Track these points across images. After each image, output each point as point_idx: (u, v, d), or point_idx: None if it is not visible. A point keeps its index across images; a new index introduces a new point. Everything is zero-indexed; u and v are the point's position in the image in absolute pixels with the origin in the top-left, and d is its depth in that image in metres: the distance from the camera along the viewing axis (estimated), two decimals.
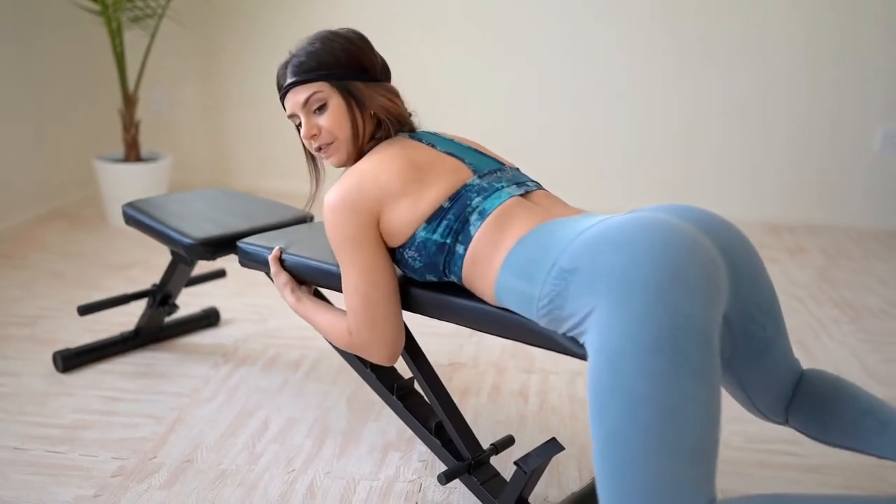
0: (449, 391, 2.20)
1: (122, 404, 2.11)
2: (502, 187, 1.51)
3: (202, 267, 2.98)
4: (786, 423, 1.49)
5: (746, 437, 2.01)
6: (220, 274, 2.54)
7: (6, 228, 3.58)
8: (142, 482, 1.78)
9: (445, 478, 1.58)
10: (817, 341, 2.62)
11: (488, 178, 1.53)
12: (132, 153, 3.60)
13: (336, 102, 1.57)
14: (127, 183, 3.53)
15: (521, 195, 1.51)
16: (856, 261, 3.50)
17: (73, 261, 3.22)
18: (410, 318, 1.70)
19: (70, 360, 2.26)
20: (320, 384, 2.24)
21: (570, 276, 1.26)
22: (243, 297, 2.86)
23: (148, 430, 1.99)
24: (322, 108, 1.57)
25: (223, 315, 2.69)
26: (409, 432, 1.95)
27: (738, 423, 2.05)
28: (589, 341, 1.24)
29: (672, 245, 1.21)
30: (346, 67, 1.56)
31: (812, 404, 1.44)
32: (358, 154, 1.60)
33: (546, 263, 1.31)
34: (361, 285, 1.52)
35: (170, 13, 3.85)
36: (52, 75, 3.81)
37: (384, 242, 1.53)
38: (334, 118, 1.57)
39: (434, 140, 1.60)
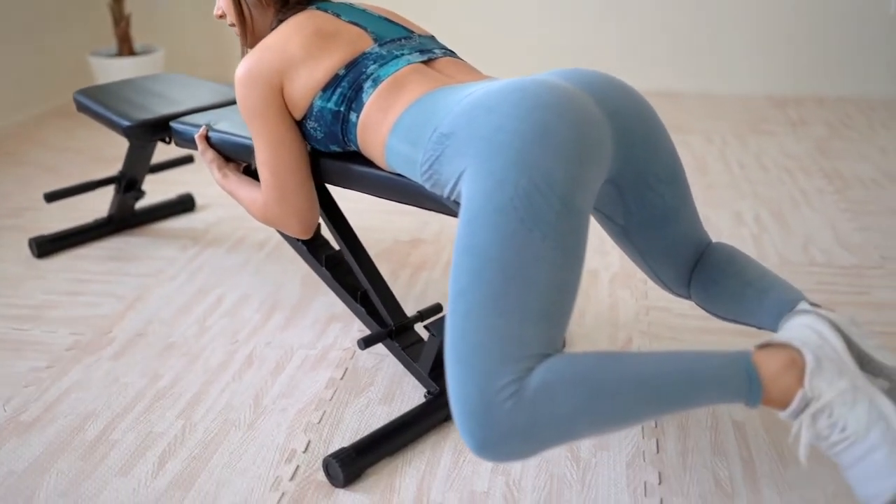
0: (405, 265, 2.25)
1: (89, 285, 2.20)
2: (402, 55, 1.50)
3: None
4: (689, 296, 1.48)
5: (691, 304, 2.01)
6: (188, 160, 2.59)
7: (8, 126, 3.68)
8: (93, 354, 1.87)
9: (364, 343, 1.62)
10: (795, 211, 2.58)
11: (389, 45, 1.52)
12: (125, 47, 3.63)
13: None
14: (121, 77, 3.57)
15: (423, 62, 1.50)
16: (859, 131, 3.39)
17: (70, 156, 3.30)
18: (370, 198, 1.73)
19: (44, 246, 2.35)
20: (279, 264, 2.29)
21: (447, 141, 1.25)
22: None
23: (108, 308, 2.08)
24: None
25: (200, 201, 2.75)
26: None
27: None
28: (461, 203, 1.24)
29: (543, 106, 1.18)
30: None
31: (706, 278, 1.43)
32: (257, 34, 1.64)
33: (429, 129, 1.31)
34: (269, 158, 1.55)
35: None
36: None
37: (291, 115, 1.55)
38: (223, 0, 1.62)
39: (341, 10, 1.59)
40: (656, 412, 1.10)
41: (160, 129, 1.99)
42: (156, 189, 2.84)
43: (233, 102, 2.12)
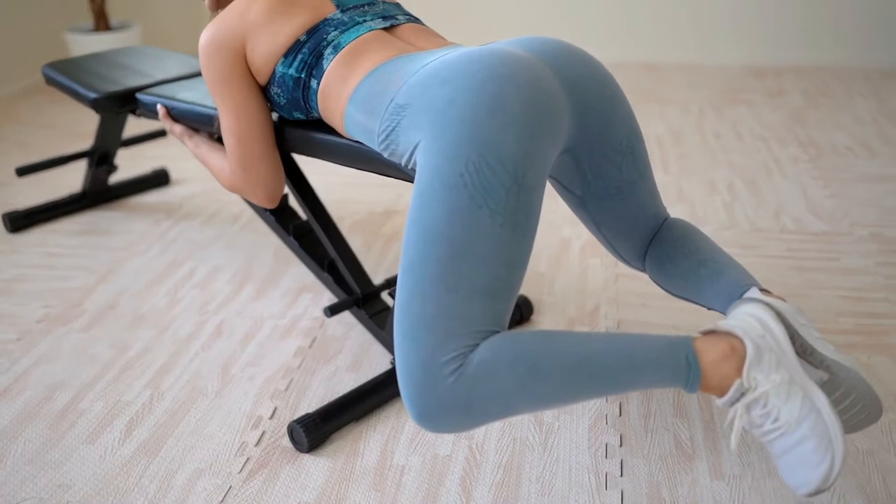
0: (379, 236, 2.26)
1: (61, 259, 2.20)
2: (363, 21, 1.49)
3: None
4: (643, 270, 1.49)
5: None
6: (161, 133, 2.58)
7: None
8: (63, 326, 1.87)
9: (330, 311, 1.63)
10: (768, 179, 2.59)
11: (352, 12, 1.52)
12: (101, 23, 3.60)
13: None
14: None
15: (386, 29, 1.50)
16: (835, 100, 3.40)
17: (43, 131, 3.29)
18: (346, 171, 1.72)
19: (18, 221, 2.35)
20: (253, 236, 2.30)
21: (403, 112, 1.24)
22: None
23: (80, 281, 2.08)
24: None
25: (176, 175, 2.75)
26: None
27: None
28: None
29: (497, 78, 1.17)
30: None
31: (661, 253, 1.43)
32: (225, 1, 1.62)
33: (385, 98, 1.30)
34: (233, 125, 1.55)
35: None
36: None
37: (255, 82, 1.55)
38: None
39: None
40: (594, 393, 1.11)
41: (128, 101, 1.99)
42: (131, 164, 2.84)
43: (200, 73, 2.11)
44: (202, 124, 1.76)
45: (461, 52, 1.25)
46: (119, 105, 1.98)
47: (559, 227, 2.29)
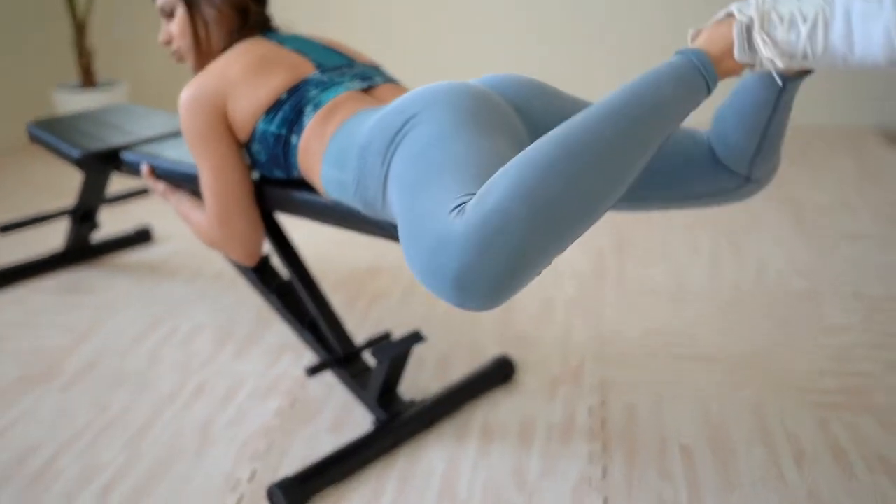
0: (362, 295, 2.25)
1: (42, 317, 2.18)
2: (342, 82, 1.52)
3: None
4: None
5: (644, 329, 2.03)
6: (144, 191, 2.58)
7: None
8: (41, 386, 1.85)
9: (311, 371, 1.62)
10: (749, 236, 2.61)
11: (332, 73, 1.55)
12: (88, 80, 3.63)
13: (181, 12, 1.64)
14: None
15: (364, 90, 1.53)
16: (817, 158, 3.44)
17: (26, 189, 3.29)
18: (330, 228, 1.72)
19: None
20: (235, 295, 2.29)
21: (366, 152, 1.26)
22: None
23: (60, 340, 2.06)
24: (171, 15, 1.64)
25: (159, 233, 2.74)
26: None
27: (634, 313, 2.07)
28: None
29: (447, 91, 1.21)
30: None
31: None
32: (207, 55, 1.65)
33: (353, 149, 1.32)
34: (212, 181, 1.57)
35: None
36: (4, 4, 3.81)
37: (235, 139, 1.57)
38: (179, 27, 1.66)
39: (285, 40, 1.62)
40: (627, 146, 0.98)
41: (112, 159, 1.99)
42: (113, 221, 2.83)
43: None
44: (185, 182, 1.76)
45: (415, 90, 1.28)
46: (103, 163, 1.99)
47: (542, 285, 2.29)
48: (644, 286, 2.27)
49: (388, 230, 1.41)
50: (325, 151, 1.39)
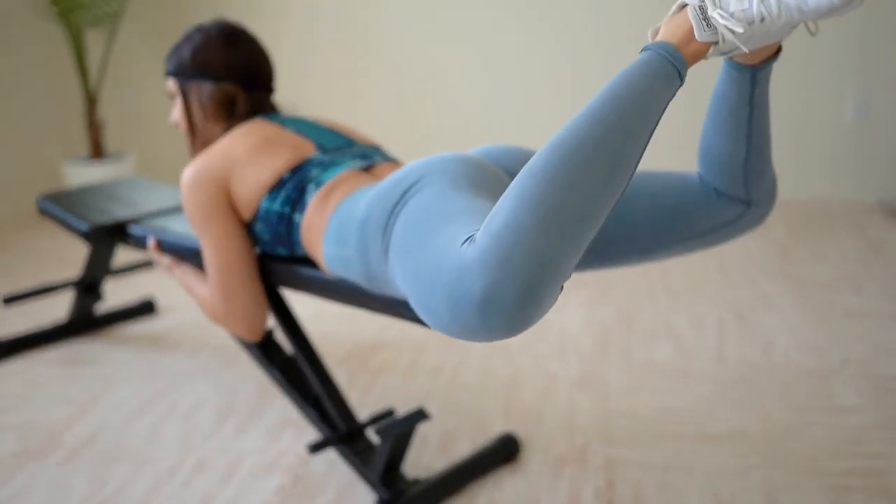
0: (365, 370, 2.23)
1: (42, 389, 2.16)
2: (343, 161, 1.55)
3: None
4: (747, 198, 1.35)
5: (651, 408, 2.00)
6: (149, 263, 2.59)
7: None
8: (40, 460, 1.82)
9: (314, 448, 1.60)
10: (756, 313, 2.59)
11: (333, 153, 1.58)
12: (96, 152, 3.67)
13: (179, 100, 1.71)
14: (93, 182, 3.60)
15: (364, 168, 1.55)
16: (821, 234, 3.45)
17: (32, 259, 3.30)
18: (331, 304, 1.72)
19: (1, 350, 2.32)
20: (238, 368, 2.27)
21: (366, 226, 1.27)
22: None
23: (60, 413, 2.04)
24: (175, 101, 1.68)
25: (163, 304, 2.74)
26: None
27: (640, 391, 2.05)
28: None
29: (442, 161, 1.24)
30: (192, 67, 1.68)
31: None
32: (204, 144, 1.72)
33: (352, 224, 1.33)
34: (214, 257, 1.58)
35: (131, 12, 3.92)
36: (16, 78, 3.88)
37: (239, 216, 1.59)
38: (178, 113, 1.72)
39: (285, 121, 1.67)
40: (615, 149, 0.99)
41: (119, 232, 2.00)
42: (117, 292, 2.83)
43: None
44: (190, 256, 1.77)
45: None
46: (110, 236, 2.00)
47: (547, 360, 2.27)
48: (649, 363, 2.25)
49: (391, 306, 1.40)
50: (326, 228, 1.41)
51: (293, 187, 1.49)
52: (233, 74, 1.69)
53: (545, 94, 4.02)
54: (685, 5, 1.08)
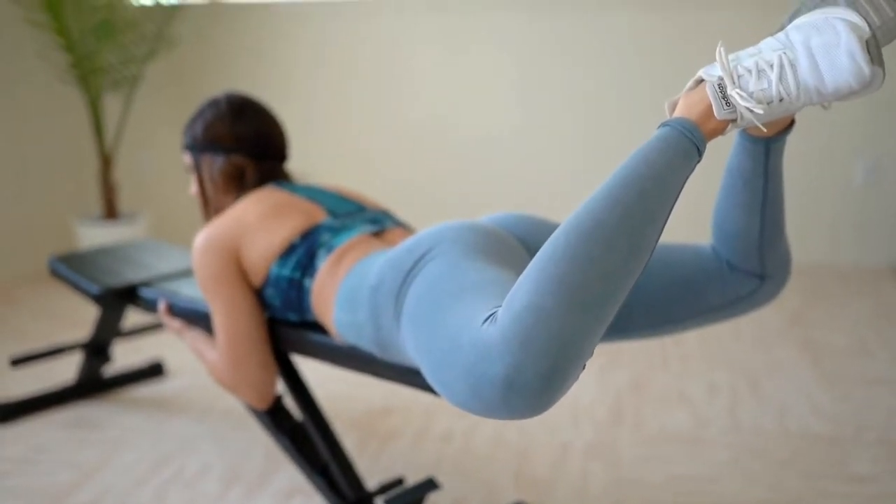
0: (374, 436, 2.21)
1: (48, 453, 2.14)
2: (354, 226, 1.55)
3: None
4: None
5: (666, 477, 1.97)
6: (159, 325, 2.59)
7: None
8: None
9: None
10: (770, 380, 2.57)
11: (343, 218, 1.58)
12: (110, 213, 3.70)
13: (193, 173, 1.76)
14: (105, 242, 3.62)
15: (374, 233, 1.55)
16: (833, 300, 3.43)
17: (41, 318, 3.30)
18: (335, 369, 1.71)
19: (7, 412, 2.31)
20: (245, 433, 2.25)
21: (377, 293, 1.27)
22: None
23: (65, 477, 2.02)
24: (191, 174, 1.73)
25: (172, 367, 2.72)
26: None
27: (653, 459, 2.02)
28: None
29: (456, 228, 1.24)
30: (203, 141, 1.72)
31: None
32: (217, 214, 1.76)
33: (363, 290, 1.33)
34: (224, 323, 1.57)
35: (149, 77, 3.98)
36: (35, 137, 3.93)
37: (249, 283, 1.59)
38: (194, 184, 1.77)
39: (295, 188, 1.69)
40: (631, 223, 0.99)
41: (129, 295, 2.00)
42: (126, 354, 2.82)
43: None
44: (201, 320, 1.76)
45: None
46: (121, 299, 2.00)
47: (559, 428, 2.25)
48: (663, 430, 2.22)
49: (402, 374, 1.39)
50: (336, 294, 1.40)
51: (304, 252, 1.49)
52: (241, 146, 1.71)
53: (557, 162, 4.05)
54: (702, 80, 1.08)
